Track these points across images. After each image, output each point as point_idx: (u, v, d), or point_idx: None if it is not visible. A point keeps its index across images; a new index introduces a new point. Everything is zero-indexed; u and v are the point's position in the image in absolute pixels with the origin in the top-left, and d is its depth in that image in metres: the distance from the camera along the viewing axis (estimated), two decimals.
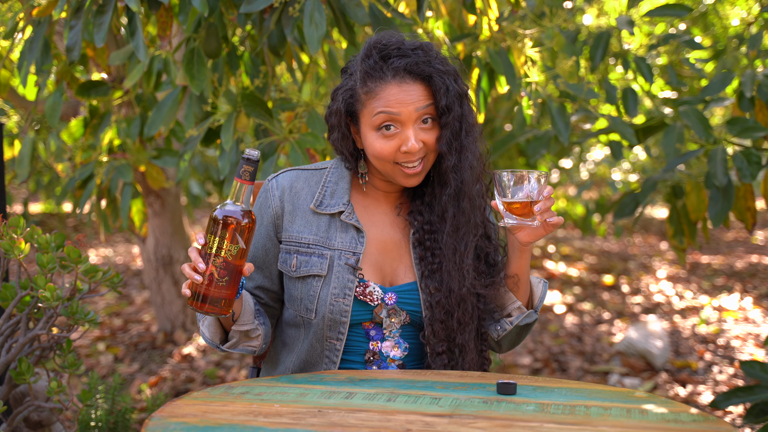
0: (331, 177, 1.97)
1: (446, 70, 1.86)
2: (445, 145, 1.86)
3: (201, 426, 1.43)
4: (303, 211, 1.94)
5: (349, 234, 1.92)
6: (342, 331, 1.90)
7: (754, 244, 8.65)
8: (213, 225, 1.69)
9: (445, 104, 1.84)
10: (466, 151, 1.88)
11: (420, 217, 1.95)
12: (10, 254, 2.14)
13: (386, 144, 1.84)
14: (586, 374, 4.46)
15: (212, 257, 1.69)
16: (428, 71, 1.84)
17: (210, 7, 2.64)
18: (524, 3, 3.13)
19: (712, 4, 5.63)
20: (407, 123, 1.83)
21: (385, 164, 1.87)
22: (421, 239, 1.94)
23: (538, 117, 4.08)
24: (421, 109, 1.84)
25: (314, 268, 1.90)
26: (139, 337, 4.96)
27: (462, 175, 1.88)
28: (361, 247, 1.91)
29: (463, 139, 1.88)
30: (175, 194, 4.77)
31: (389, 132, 1.84)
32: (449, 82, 1.85)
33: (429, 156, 1.88)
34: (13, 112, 4.85)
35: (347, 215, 1.92)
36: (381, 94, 1.83)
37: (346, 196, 1.94)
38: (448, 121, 1.85)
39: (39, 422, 2.53)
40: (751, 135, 3.00)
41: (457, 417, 1.49)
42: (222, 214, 1.69)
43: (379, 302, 1.91)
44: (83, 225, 8.83)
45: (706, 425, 1.48)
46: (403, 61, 1.83)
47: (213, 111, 2.94)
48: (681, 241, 3.38)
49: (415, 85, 1.84)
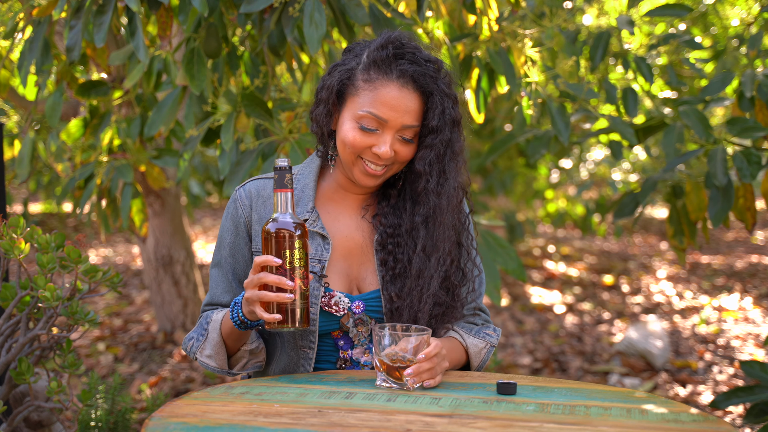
0: (297, 184, 1.94)
1: (449, 92, 1.84)
2: (426, 165, 1.84)
3: (201, 426, 1.43)
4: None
5: (314, 242, 1.90)
6: (312, 340, 1.89)
7: (754, 244, 8.65)
8: (284, 241, 1.67)
9: (436, 125, 1.82)
10: (447, 177, 1.85)
11: (384, 220, 1.93)
12: (10, 254, 2.14)
13: (360, 137, 1.82)
14: (586, 374, 4.46)
15: (295, 270, 1.68)
16: (431, 87, 1.82)
17: (210, 7, 2.64)
18: (524, 3, 3.13)
19: (712, 4, 5.63)
20: (389, 130, 1.82)
21: (350, 155, 1.84)
22: (383, 243, 1.92)
23: (538, 117, 4.07)
24: (407, 127, 1.82)
25: None
26: (139, 337, 4.96)
27: (439, 200, 1.86)
28: (326, 254, 1.89)
29: (446, 164, 1.85)
30: (175, 194, 4.77)
31: (368, 131, 1.82)
32: (447, 105, 1.83)
33: (394, 166, 1.87)
34: (13, 112, 4.85)
35: (311, 223, 1.90)
36: (380, 90, 1.81)
37: (310, 203, 1.92)
38: (434, 142, 1.83)
39: (39, 422, 2.53)
40: (751, 135, 3.00)
41: (457, 417, 1.49)
42: (288, 226, 1.68)
43: (346, 312, 1.89)
44: (83, 225, 8.83)
45: (706, 425, 1.48)
46: (413, 67, 1.82)
47: (213, 111, 2.94)
48: (681, 241, 3.38)
49: (414, 96, 1.82)
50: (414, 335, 1.67)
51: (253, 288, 1.69)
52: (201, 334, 1.89)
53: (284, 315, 1.67)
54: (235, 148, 2.84)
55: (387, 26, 2.62)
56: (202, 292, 4.99)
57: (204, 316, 1.92)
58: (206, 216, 10.48)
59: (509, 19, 3.12)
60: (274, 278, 1.66)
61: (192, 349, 1.90)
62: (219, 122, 2.91)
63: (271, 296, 1.66)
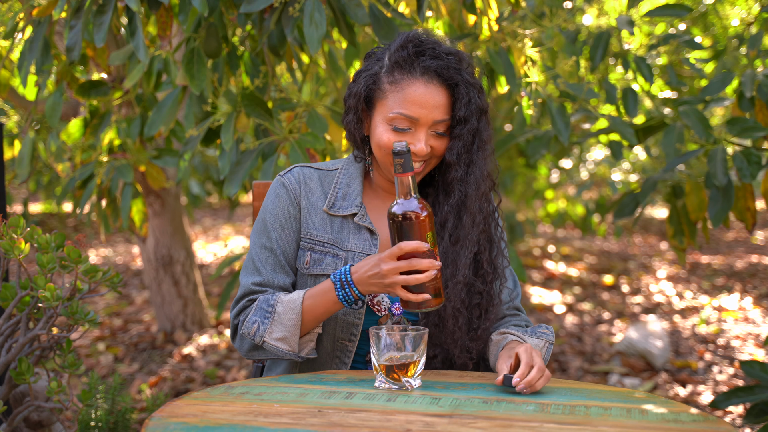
0: (343, 178, 1.96)
1: (473, 82, 1.86)
2: (454, 155, 1.85)
3: (201, 426, 1.43)
4: (316, 209, 1.93)
5: (362, 236, 1.91)
6: (355, 333, 1.90)
7: (754, 244, 8.65)
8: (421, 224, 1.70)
9: (463, 115, 1.84)
10: (474, 166, 1.87)
11: None
12: (10, 254, 2.14)
13: (394, 138, 1.83)
14: (586, 374, 4.46)
15: (434, 251, 1.72)
16: (456, 79, 1.84)
17: (210, 7, 2.64)
18: (524, 3, 3.13)
19: (712, 4, 5.63)
20: (422, 127, 1.83)
21: (386, 156, 1.86)
22: None
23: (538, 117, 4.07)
24: (438, 122, 1.84)
25: (328, 268, 1.89)
26: (139, 337, 4.96)
27: (467, 189, 1.87)
28: (374, 249, 1.90)
29: (474, 153, 1.87)
30: (175, 194, 4.77)
31: (401, 131, 1.84)
32: (473, 95, 1.84)
33: (432, 161, 1.88)
34: (13, 112, 4.85)
35: (360, 217, 1.92)
36: (406, 89, 1.83)
37: (359, 198, 1.93)
38: (462, 132, 1.85)
39: (39, 422, 2.53)
40: (751, 135, 3.00)
41: (457, 417, 1.49)
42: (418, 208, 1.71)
43: (386, 312, 1.91)
44: (83, 225, 8.83)
45: (706, 425, 1.48)
46: (435, 62, 1.83)
47: (213, 111, 2.94)
48: (681, 241, 3.38)
49: (440, 90, 1.84)
50: (410, 334, 1.67)
51: (397, 273, 1.71)
52: (265, 317, 1.84)
53: (430, 293, 1.72)
54: (235, 148, 2.84)
55: (387, 26, 2.63)
56: (202, 292, 4.99)
57: (263, 299, 1.86)
58: (206, 216, 10.48)
59: (509, 19, 3.12)
60: (426, 262, 1.70)
61: (258, 333, 1.84)
62: (219, 122, 2.91)
63: (421, 277, 1.70)
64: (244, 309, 1.90)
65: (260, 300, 1.87)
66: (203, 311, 4.98)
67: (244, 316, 1.89)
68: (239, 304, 1.92)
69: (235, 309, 1.92)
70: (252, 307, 1.88)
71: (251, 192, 2.34)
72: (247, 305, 1.90)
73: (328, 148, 2.95)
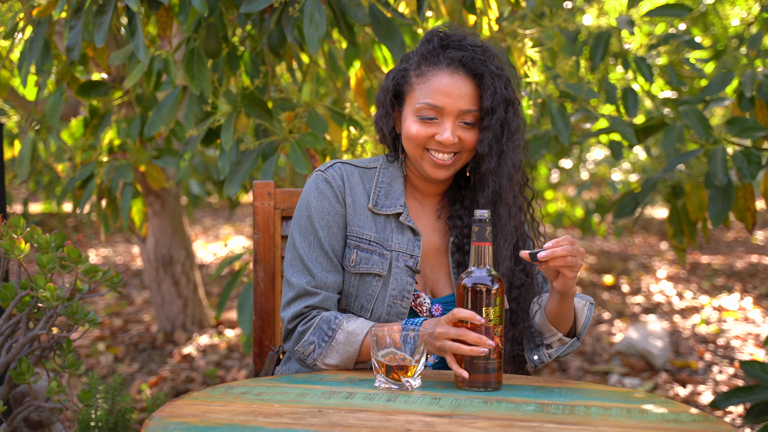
0: (384, 177, 1.95)
1: (499, 74, 1.86)
2: (486, 146, 1.84)
3: (201, 426, 1.43)
4: (361, 206, 1.91)
5: (405, 236, 1.90)
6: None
7: (754, 244, 8.65)
8: (482, 296, 1.64)
9: (490, 105, 1.83)
10: (506, 157, 1.86)
11: (460, 222, 1.93)
12: (10, 254, 2.14)
13: (422, 128, 1.84)
14: (586, 374, 4.46)
15: (493, 329, 1.65)
16: (481, 69, 1.84)
17: (210, 7, 2.64)
18: (524, 3, 3.13)
19: (712, 4, 5.63)
20: (448, 117, 1.84)
21: (415, 148, 1.86)
22: (459, 244, 1.92)
23: (538, 117, 4.07)
24: (465, 112, 1.84)
25: (375, 266, 1.88)
26: (139, 337, 4.96)
27: (500, 180, 1.86)
28: (418, 249, 1.90)
29: (504, 144, 1.86)
30: (175, 194, 4.77)
31: (428, 120, 1.84)
32: (498, 85, 1.84)
33: (463, 155, 1.88)
34: (13, 112, 4.85)
35: (405, 217, 1.91)
36: (432, 80, 1.84)
37: (402, 197, 1.92)
38: (491, 123, 1.84)
39: (39, 422, 2.53)
40: (751, 135, 3.00)
41: (457, 417, 1.49)
42: (485, 281, 1.65)
43: (427, 314, 1.90)
44: (83, 225, 8.83)
45: (706, 425, 1.48)
46: (460, 53, 1.84)
47: (213, 111, 2.94)
48: (681, 241, 3.38)
49: (466, 80, 1.84)
50: (410, 335, 1.67)
51: (447, 339, 1.67)
52: (323, 340, 1.82)
53: (477, 371, 1.65)
54: (235, 148, 2.84)
55: (387, 26, 2.63)
56: (202, 292, 4.99)
57: (325, 319, 1.84)
58: (206, 216, 10.48)
59: (509, 19, 3.12)
60: (474, 336, 1.63)
61: (312, 355, 1.83)
62: (219, 122, 2.91)
63: (466, 349, 1.64)
64: (302, 318, 1.86)
65: (322, 319, 1.84)
66: (203, 311, 4.98)
67: (302, 328, 1.85)
68: (294, 307, 1.87)
69: (290, 311, 1.87)
70: (312, 323, 1.84)
71: (251, 192, 2.34)
72: (304, 312, 1.86)
73: (328, 149, 2.95)
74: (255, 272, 2.18)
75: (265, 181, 2.19)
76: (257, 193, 2.18)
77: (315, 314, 1.86)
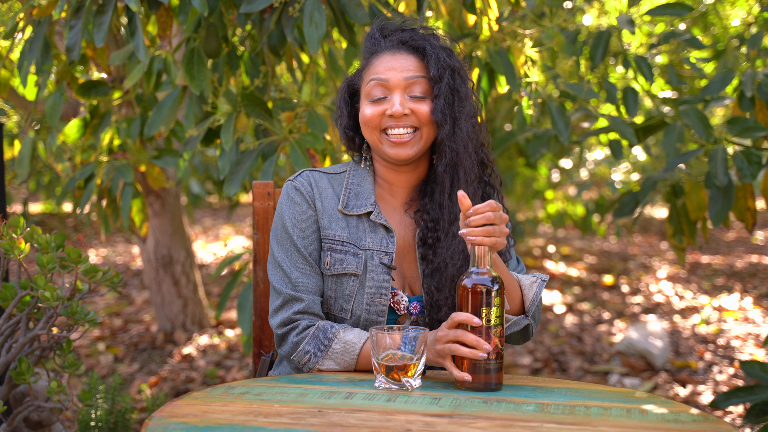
0: (353, 179, 1.97)
1: (441, 46, 1.91)
2: (439, 113, 1.86)
3: (201, 426, 1.43)
4: (332, 209, 1.93)
5: (379, 234, 1.92)
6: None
7: (754, 244, 8.65)
8: (481, 297, 1.64)
9: (437, 73, 1.87)
10: (460, 122, 1.88)
11: (426, 216, 1.93)
12: (10, 254, 2.14)
13: (374, 109, 1.88)
14: (586, 374, 4.46)
15: (492, 329, 1.65)
16: (422, 44, 1.89)
17: (210, 7, 2.64)
18: (524, 3, 3.13)
19: (712, 4, 5.63)
20: (395, 89, 1.87)
21: (373, 132, 1.89)
22: (424, 237, 1.93)
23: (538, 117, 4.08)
24: (411, 78, 1.88)
25: (350, 266, 1.89)
26: (139, 337, 4.96)
27: (456, 146, 1.87)
28: (392, 246, 1.91)
29: (456, 110, 1.88)
30: (175, 194, 4.77)
31: (378, 99, 1.88)
32: (441, 55, 1.89)
33: (422, 130, 1.89)
34: (13, 112, 4.85)
35: (376, 215, 1.92)
36: (375, 64, 1.90)
37: (372, 196, 1.94)
38: (441, 90, 1.87)
39: (39, 422, 2.53)
40: (752, 135, 3.00)
41: (457, 417, 1.49)
42: (485, 281, 1.64)
43: (404, 311, 1.91)
44: (83, 225, 8.83)
45: (706, 425, 1.48)
46: (400, 35, 1.91)
47: (213, 111, 2.94)
48: (681, 240, 3.38)
49: (409, 56, 1.90)
50: (410, 335, 1.67)
51: (447, 342, 1.67)
52: (319, 349, 1.83)
53: (478, 373, 1.65)
54: (235, 148, 2.84)
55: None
56: (202, 292, 4.99)
57: (320, 329, 1.84)
58: (206, 216, 10.48)
59: (509, 19, 3.12)
60: (471, 338, 1.64)
61: (309, 363, 1.84)
62: (219, 122, 2.91)
63: (464, 351, 1.64)
64: (292, 325, 1.87)
65: (318, 328, 1.85)
66: (203, 311, 4.98)
67: (296, 338, 1.86)
68: (282, 314, 1.88)
69: (278, 318, 1.89)
70: (308, 333, 1.85)
71: (251, 192, 2.33)
72: (293, 319, 1.87)
73: (328, 148, 2.95)
74: (255, 272, 2.18)
75: (265, 181, 2.19)
76: (257, 193, 2.18)
77: (307, 323, 1.87)
